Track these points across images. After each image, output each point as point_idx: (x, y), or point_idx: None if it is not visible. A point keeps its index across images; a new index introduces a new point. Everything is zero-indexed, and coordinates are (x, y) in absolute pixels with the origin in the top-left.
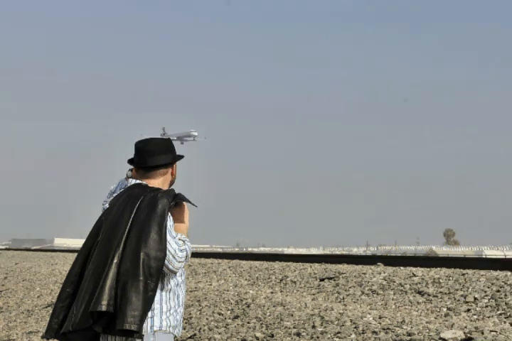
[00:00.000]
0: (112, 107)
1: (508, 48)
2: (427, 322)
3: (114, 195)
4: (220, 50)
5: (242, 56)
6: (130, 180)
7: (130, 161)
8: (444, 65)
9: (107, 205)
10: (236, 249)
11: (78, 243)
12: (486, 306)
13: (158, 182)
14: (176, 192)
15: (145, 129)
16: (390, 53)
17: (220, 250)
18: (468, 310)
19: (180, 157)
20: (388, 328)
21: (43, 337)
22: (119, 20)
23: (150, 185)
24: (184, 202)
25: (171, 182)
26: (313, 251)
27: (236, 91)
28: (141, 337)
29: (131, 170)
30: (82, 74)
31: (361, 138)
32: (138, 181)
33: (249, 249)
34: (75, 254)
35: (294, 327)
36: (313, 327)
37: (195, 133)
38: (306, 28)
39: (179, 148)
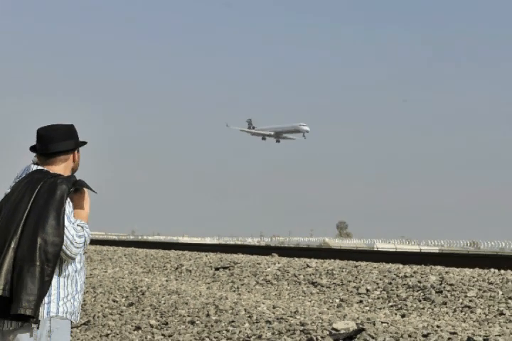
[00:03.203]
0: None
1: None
2: (319, 313)
3: (17, 180)
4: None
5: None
6: (32, 166)
7: (32, 148)
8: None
9: (8, 190)
10: (131, 237)
11: None
12: (378, 298)
13: (59, 168)
14: (77, 178)
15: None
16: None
17: (115, 237)
18: (361, 302)
19: (83, 143)
20: (282, 318)
21: None
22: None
23: (51, 172)
24: (84, 189)
25: (74, 169)
26: (208, 241)
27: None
28: (37, 322)
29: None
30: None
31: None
32: (40, 167)
33: (145, 237)
34: None
35: (188, 316)
36: (208, 315)
37: (307, 128)
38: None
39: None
